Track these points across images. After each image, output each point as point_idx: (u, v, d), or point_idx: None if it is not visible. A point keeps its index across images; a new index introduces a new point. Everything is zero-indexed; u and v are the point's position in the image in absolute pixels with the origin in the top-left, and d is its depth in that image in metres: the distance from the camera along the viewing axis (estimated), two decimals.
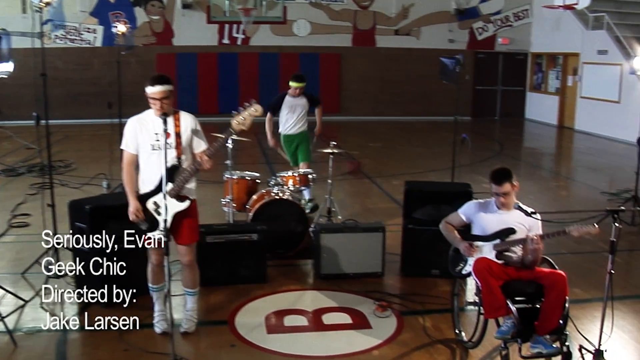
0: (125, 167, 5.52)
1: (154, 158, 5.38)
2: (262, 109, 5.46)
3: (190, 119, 5.53)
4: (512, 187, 5.23)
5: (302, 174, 8.38)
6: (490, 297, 4.94)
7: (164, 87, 5.31)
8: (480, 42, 23.52)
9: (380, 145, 17.52)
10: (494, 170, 5.34)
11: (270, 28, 21.82)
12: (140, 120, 5.49)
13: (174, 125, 5.42)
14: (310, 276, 7.30)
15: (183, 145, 5.44)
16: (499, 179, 5.23)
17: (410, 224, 7.23)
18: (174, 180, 5.38)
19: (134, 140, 5.46)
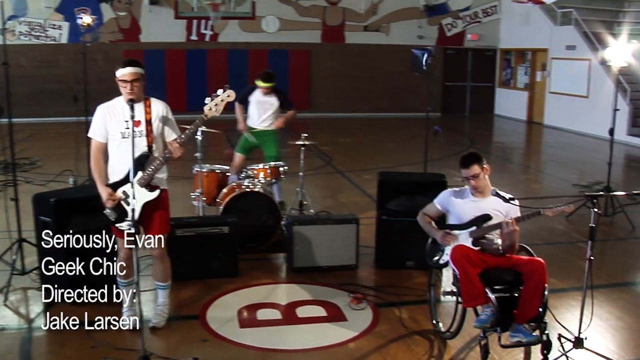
0: (93, 155, 5.33)
1: (123, 147, 5.18)
2: (235, 95, 5.31)
3: (161, 106, 5.35)
4: (481, 170, 5.13)
5: (274, 166, 8.20)
6: (468, 286, 4.83)
7: (135, 69, 5.15)
8: (450, 39, 23.54)
9: (349, 140, 17.45)
10: (462, 156, 5.26)
11: (239, 24, 21.59)
12: (110, 108, 5.30)
13: (145, 112, 5.25)
14: (283, 269, 7.15)
15: (154, 134, 5.26)
16: (466, 162, 5.14)
17: (384, 215, 7.11)
18: (144, 169, 5.20)
19: (102, 128, 5.27)
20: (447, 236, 5.17)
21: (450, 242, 5.14)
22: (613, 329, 5.69)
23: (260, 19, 21.82)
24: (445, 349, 5.27)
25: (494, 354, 5.01)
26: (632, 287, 6.94)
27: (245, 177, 7.89)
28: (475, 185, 5.13)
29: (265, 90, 8.65)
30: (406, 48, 22.52)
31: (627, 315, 6.00)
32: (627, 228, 8.94)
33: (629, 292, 6.66)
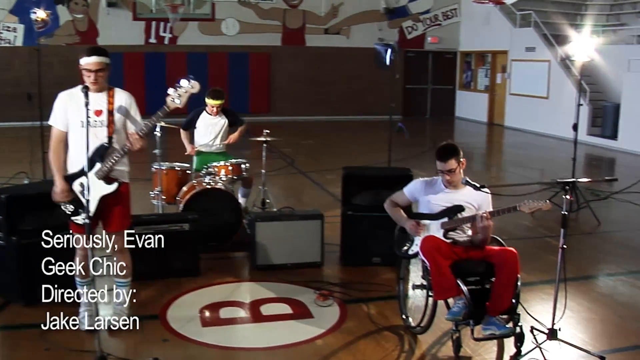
0: (53, 144, 5.06)
1: (84, 136, 4.93)
2: (199, 86, 5.08)
3: (125, 96, 5.11)
4: (458, 165, 4.98)
5: (235, 163, 7.95)
6: (439, 278, 4.66)
7: (101, 59, 4.91)
8: (410, 41, 23.52)
9: (311, 141, 17.30)
10: (439, 147, 5.09)
11: (199, 27, 21.29)
12: (71, 95, 5.03)
13: (107, 102, 5.01)
14: (246, 268, 6.91)
15: (115, 124, 5.02)
16: (444, 155, 4.97)
17: (349, 210, 6.92)
18: (103, 160, 4.95)
19: (63, 115, 5.00)
20: (417, 226, 5.00)
21: (420, 233, 4.97)
22: (585, 321, 5.60)
23: (220, 21, 21.55)
24: (416, 344, 5.09)
25: (466, 347, 4.86)
26: (601, 279, 6.86)
27: (206, 174, 7.63)
28: (450, 180, 4.98)
29: (215, 109, 8.16)
30: (367, 51, 22.52)
31: (599, 307, 5.92)
32: (592, 223, 8.92)
33: (599, 285, 6.58)
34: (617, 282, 6.73)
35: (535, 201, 4.65)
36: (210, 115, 8.24)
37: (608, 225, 8.91)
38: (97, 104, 4.93)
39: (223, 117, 8.32)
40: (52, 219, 5.71)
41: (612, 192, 10.67)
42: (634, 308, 6.03)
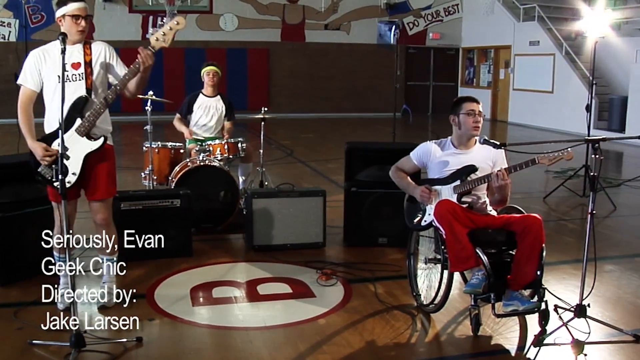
0: (22, 104, 4.57)
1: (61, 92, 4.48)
2: (185, 22, 4.61)
3: (103, 46, 4.67)
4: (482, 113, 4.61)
5: (232, 142, 7.48)
6: (456, 246, 4.18)
7: (85, 5, 4.55)
8: (411, 37, 23.08)
9: (311, 135, 16.88)
10: (460, 97, 4.75)
11: (196, 22, 20.82)
12: (45, 51, 4.57)
13: (84, 53, 4.56)
14: (242, 249, 6.44)
15: (94, 77, 4.57)
16: (473, 97, 4.62)
17: (353, 186, 6.44)
18: (82, 115, 4.49)
19: (35, 73, 4.54)
20: (429, 193, 4.53)
21: (431, 200, 4.51)
22: (614, 299, 5.14)
23: (219, 16, 21.10)
24: (429, 323, 4.60)
25: (484, 326, 4.39)
26: (625, 259, 6.37)
27: (200, 151, 7.16)
28: (478, 123, 4.55)
29: (212, 77, 7.81)
30: (367, 47, 22.21)
31: (626, 287, 5.47)
32: (607, 207, 8.46)
33: (623, 265, 6.09)
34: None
35: (554, 152, 4.19)
36: (207, 98, 7.84)
37: (624, 210, 8.45)
38: (73, 57, 4.50)
39: (220, 101, 7.92)
40: (31, 191, 5.28)
41: (624, 180, 10.25)
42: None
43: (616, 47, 16.95)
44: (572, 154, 4.16)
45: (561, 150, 4.18)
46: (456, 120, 4.62)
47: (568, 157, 4.17)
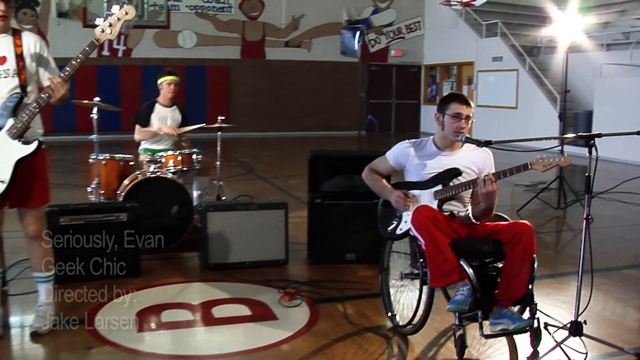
0: None
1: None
2: (135, 11, 4.08)
3: (34, 38, 4.16)
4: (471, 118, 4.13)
5: (186, 153, 6.92)
6: (438, 258, 3.67)
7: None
8: (373, 55, 22.76)
9: (273, 153, 16.36)
10: (450, 93, 4.26)
11: (154, 39, 20.22)
12: None
13: (14, 45, 4.01)
14: (196, 268, 5.86)
15: (28, 71, 4.02)
16: (465, 98, 4.10)
17: (317, 198, 5.90)
18: (16, 115, 3.92)
19: None
20: (405, 198, 4.03)
21: (409, 206, 4.00)
22: (608, 315, 4.68)
23: (177, 33, 20.52)
24: (407, 346, 4.07)
25: (471, 349, 3.87)
26: (612, 272, 5.94)
27: (151, 162, 6.58)
28: (462, 129, 4.04)
29: (172, 87, 7.24)
30: (329, 64, 21.80)
31: (618, 302, 5.02)
32: None
33: (609, 277, 5.65)
34: (631, 275, 5.94)
35: (550, 157, 3.71)
36: (164, 108, 7.28)
37: (601, 222, 8.03)
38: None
39: (177, 111, 7.38)
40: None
41: (597, 192, 9.89)
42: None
43: (579, 63, 16.75)
44: (569, 159, 3.69)
45: (557, 155, 3.70)
46: (441, 119, 4.13)
47: (565, 163, 3.69)
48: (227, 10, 21.15)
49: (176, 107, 7.41)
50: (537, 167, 3.70)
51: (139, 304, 4.80)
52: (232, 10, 21.17)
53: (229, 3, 21.14)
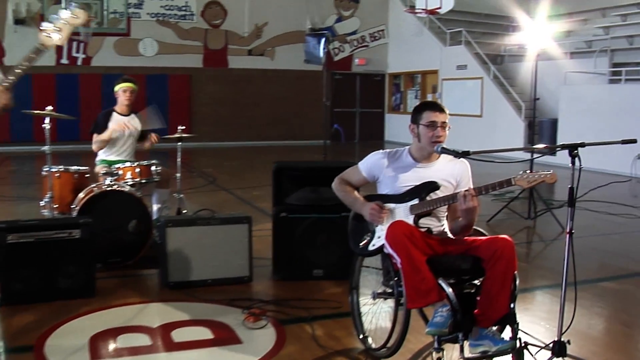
0: None
1: None
2: (86, 15, 3.75)
3: None
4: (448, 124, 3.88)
5: (145, 164, 6.61)
6: (415, 277, 3.41)
7: None
8: (337, 63, 22.58)
9: (235, 163, 16.04)
10: (423, 101, 4.04)
11: (114, 47, 19.79)
12: None
13: None
14: (155, 287, 5.53)
15: None
16: (439, 106, 3.87)
17: (282, 211, 5.62)
18: None
19: None
20: (379, 211, 3.77)
21: (383, 220, 3.75)
22: (592, 330, 4.48)
23: (137, 41, 20.11)
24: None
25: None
26: (585, 285, 5.74)
27: (107, 174, 6.25)
28: (439, 138, 3.79)
29: (129, 94, 6.99)
30: (293, 73, 21.58)
31: (597, 316, 4.83)
32: (555, 229, 7.96)
33: (586, 291, 5.45)
34: (608, 287, 5.76)
35: (535, 172, 3.48)
36: (122, 116, 6.99)
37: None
38: None
39: (136, 119, 7.11)
40: None
41: (565, 201, 9.76)
42: (634, 315, 4.99)
43: (544, 71, 16.72)
44: (555, 175, 3.44)
45: (543, 173, 3.46)
46: (415, 130, 3.88)
47: (551, 180, 3.44)
48: (189, 18, 20.82)
49: (134, 115, 7.11)
50: (521, 182, 3.47)
51: (92, 327, 4.47)
52: (194, 18, 20.85)
53: (191, 11, 20.81)
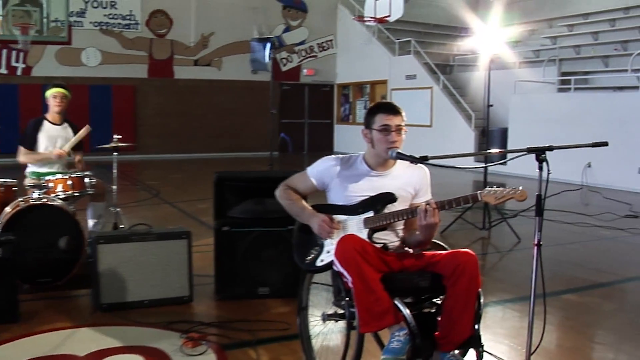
0: None
1: None
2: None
3: None
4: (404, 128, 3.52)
5: (77, 176, 6.15)
6: (368, 298, 3.05)
7: None
8: (285, 73, 22.32)
9: (182, 176, 15.56)
10: (378, 103, 3.62)
11: (56, 56, 19.14)
12: None
13: None
14: (87, 309, 5.07)
15: None
16: (394, 107, 3.50)
17: (225, 225, 5.22)
18: None
19: None
20: (330, 223, 3.41)
21: (333, 234, 3.39)
22: (560, 348, 4.20)
23: (80, 51, 19.48)
24: None
25: None
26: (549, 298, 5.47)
27: (35, 187, 5.77)
28: (394, 143, 3.44)
29: (59, 100, 6.54)
30: (240, 83, 21.18)
31: (563, 332, 4.55)
32: (510, 240, 7.73)
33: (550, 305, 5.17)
34: (571, 301, 5.54)
35: (504, 189, 3.16)
36: (53, 125, 6.55)
37: (528, 242, 7.65)
38: None
39: (69, 129, 6.66)
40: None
41: (519, 210, 9.58)
42: (603, 329, 4.73)
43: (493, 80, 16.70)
44: (525, 193, 3.12)
45: (514, 188, 3.14)
46: (369, 135, 3.53)
47: (520, 198, 3.11)
48: (133, 27, 20.31)
49: (67, 124, 6.66)
50: (489, 199, 3.14)
51: (14, 357, 4.01)
52: (139, 27, 20.36)
53: (135, 20, 20.31)
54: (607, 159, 13.10)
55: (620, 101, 13.58)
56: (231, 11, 21.06)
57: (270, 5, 21.61)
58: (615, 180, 13.16)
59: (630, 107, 13.17)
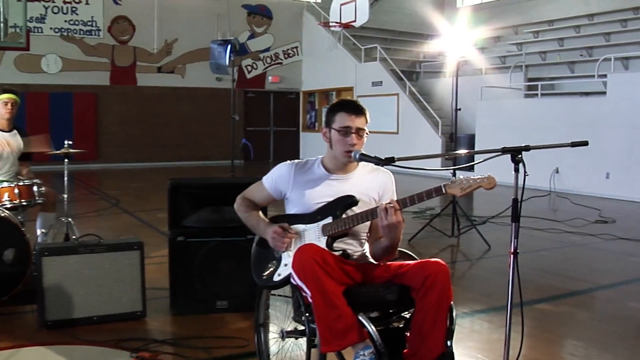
0: None
1: None
2: None
3: None
4: (366, 129, 3.25)
5: (25, 185, 5.80)
6: (330, 314, 2.78)
7: None
8: (250, 81, 22.05)
9: (143, 185, 15.17)
10: (340, 100, 3.34)
11: (15, 63, 18.61)
12: None
13: None
14: (32, 326, 4.72)
15: None
16: (357, 107, 3.23)
17: (180, 235, 4.91)
18: None
19: None
20: (284, 234, 3.14)
21: (289, 245, 3.11)
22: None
23: (40, 57, 18.97)
24: None
25: None
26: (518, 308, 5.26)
27: None
28: (353, 146, 3.18)
29: (10, 107, 6.27)
30: (204, 91, 20.85)
31: (540, 344, 4.32)
32: (481, 247, 7.53)
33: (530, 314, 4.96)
34: (546, 310, 5.32)
35: (469, 178, 2.92)
36: (2, 132, 6.24)
37: (499, 249, 7.47)
38: None
39: (18, 136, 6.34)
40: None
41: (488, 217, 9.39)
42: (580, 340, 4.51)
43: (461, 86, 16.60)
44: (494, 180, 2.88)
45: (478, 178, 2.89)
46: (328, 134, 3.27)
47: (489, 186, 2.87)
48: (95, 34, 19.88)
49: (17, 131, 6.32)
50: (454, 190, 2.89)
51: None
52: (101, 33, 19.92)
53: (97, 26, 19.88)
54: (575, 165, 13.03)
55: (587, 106, 13.53)
56: (195, 17, 20.75)
57: (234, 11, 21.31)
58: (584, 185, 13.09)
59: (597, 112, 13.12)
